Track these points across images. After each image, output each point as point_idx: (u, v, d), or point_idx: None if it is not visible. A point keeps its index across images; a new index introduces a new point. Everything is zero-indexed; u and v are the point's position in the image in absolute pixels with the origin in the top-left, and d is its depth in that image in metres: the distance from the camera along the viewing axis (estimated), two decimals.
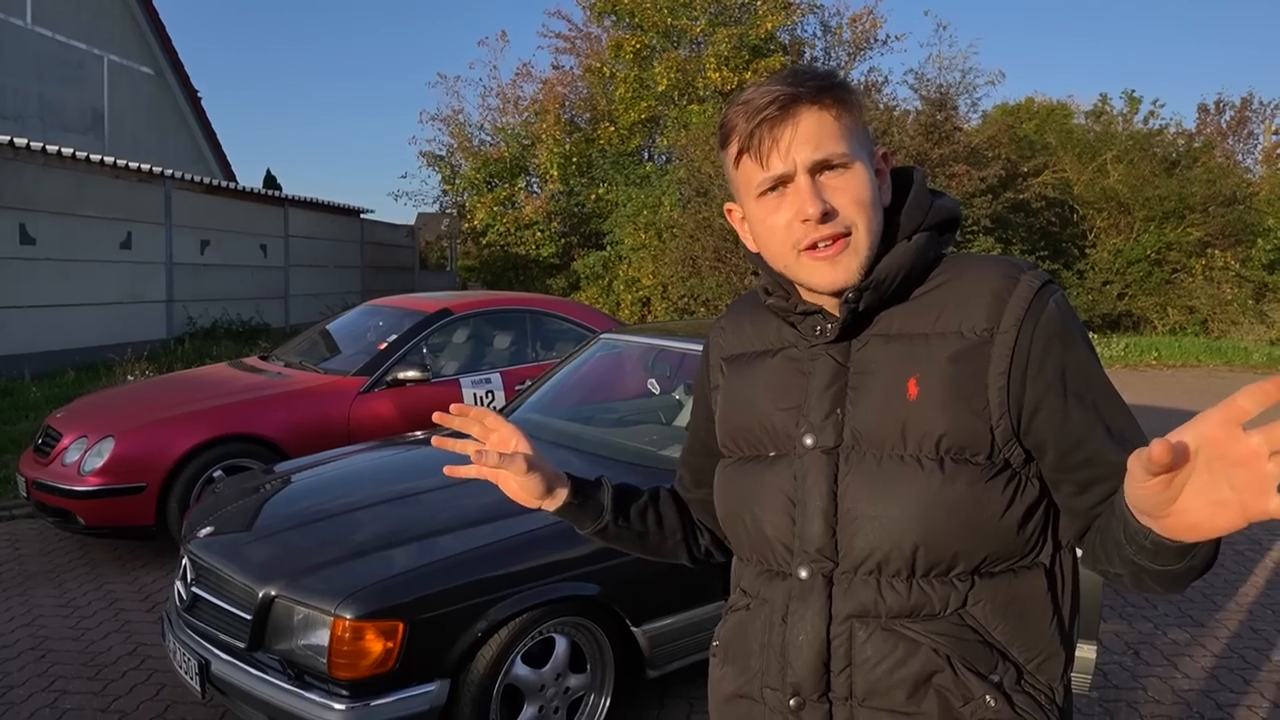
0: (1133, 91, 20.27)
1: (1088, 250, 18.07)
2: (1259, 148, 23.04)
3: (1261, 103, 23.66)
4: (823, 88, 1.08)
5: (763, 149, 1.08)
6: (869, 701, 1.10)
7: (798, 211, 1.08)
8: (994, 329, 1.07)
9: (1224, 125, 23.07)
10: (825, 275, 1.10)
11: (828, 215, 1.07)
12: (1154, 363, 14.72)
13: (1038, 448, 1.08)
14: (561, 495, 1.29)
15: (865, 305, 1.11)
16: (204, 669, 2.84)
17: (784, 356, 1.20)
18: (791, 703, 1.13)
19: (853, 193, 1.08)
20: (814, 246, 1.09)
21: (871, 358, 1.12)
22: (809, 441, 1.13)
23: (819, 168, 1.08)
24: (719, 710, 1.26)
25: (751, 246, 1.20)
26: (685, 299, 15.19)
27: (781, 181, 1.09)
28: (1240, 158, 22.11)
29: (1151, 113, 19.73)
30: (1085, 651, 2.47)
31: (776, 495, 1.16)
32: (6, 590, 4.42)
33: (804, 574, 1.13)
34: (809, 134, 1.07)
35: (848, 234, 1.08)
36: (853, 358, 1.14)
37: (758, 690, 1.18)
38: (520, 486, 1.26)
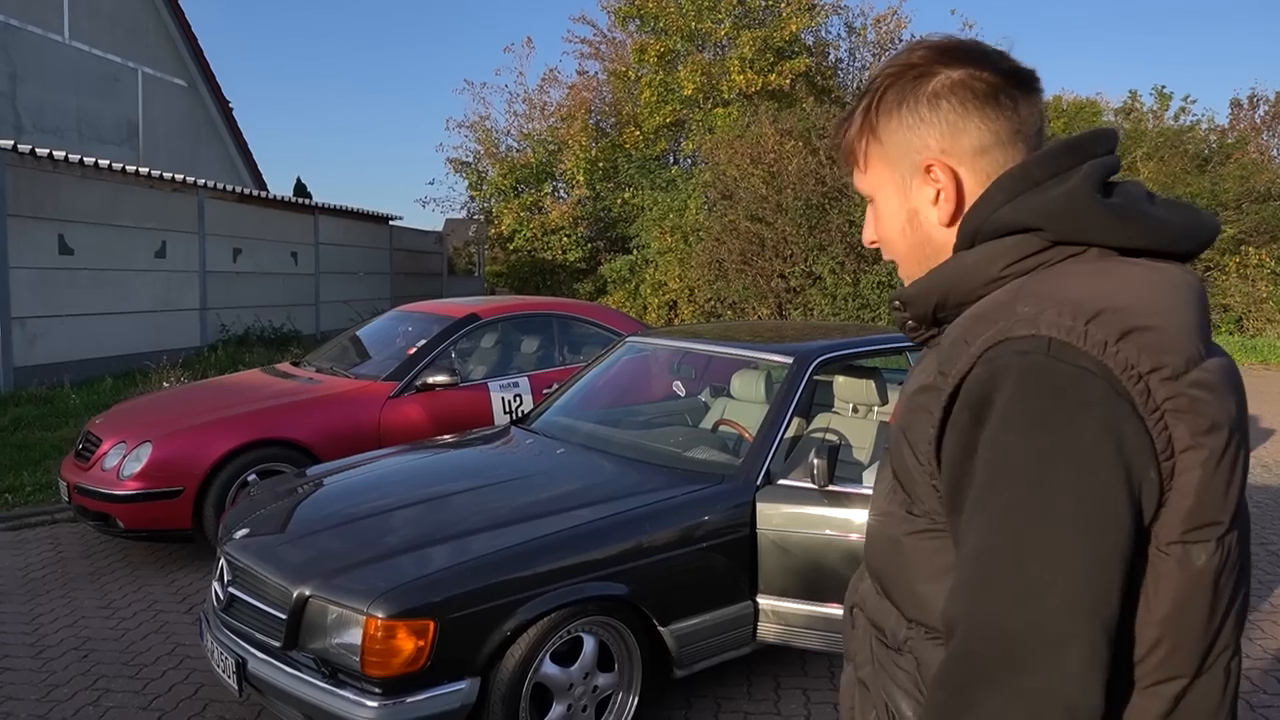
0: (1163, 87, 20.10)
1: None
2: None
3: None
4: (847, 119, 1.11)
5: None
6: (861, 668, 1.12)
7: None
8: (944, 376, 0.94)
9: (1258, 120, 22.62)
10: None
11: (875, 244, 1.15)
12: None
13: None
14: None
15: (911, 321, 1.08)
16: (241, 668, 2.91)
17: None
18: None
19: (880, 228, 1.13)
20: None
21: (914, 368, 1.10)
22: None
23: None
24: None
25: None
26: (712, 302, 15.20)
27: None
28: (1275, 153, 21.70)
29: (1182, 109, 19.52)
30: None
31: None
32: (50, 592, 4.54)
33: None
34: (854, 167, 1.13)
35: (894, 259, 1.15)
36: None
37: None
38: None
